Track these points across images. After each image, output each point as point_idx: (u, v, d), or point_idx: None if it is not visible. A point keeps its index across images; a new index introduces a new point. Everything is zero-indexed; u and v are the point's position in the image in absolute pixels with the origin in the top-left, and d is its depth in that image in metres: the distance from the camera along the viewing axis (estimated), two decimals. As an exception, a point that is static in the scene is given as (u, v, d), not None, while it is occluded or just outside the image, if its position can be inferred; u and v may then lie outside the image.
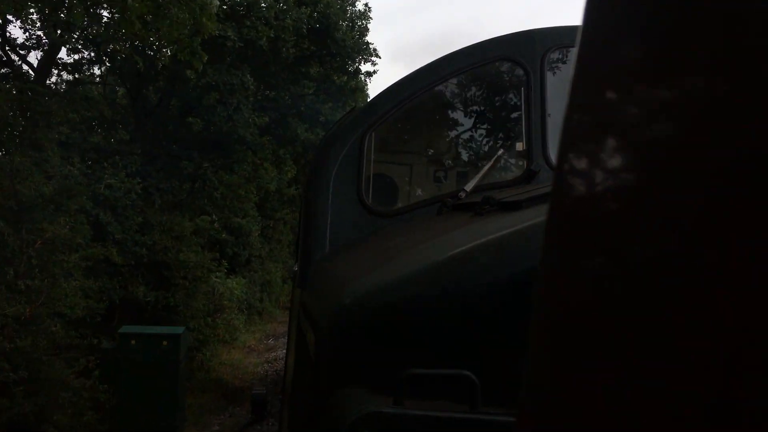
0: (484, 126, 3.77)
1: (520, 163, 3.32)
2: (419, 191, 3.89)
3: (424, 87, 3.37)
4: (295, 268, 4.37)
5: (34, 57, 15.17)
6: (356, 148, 3.22)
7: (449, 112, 3.74)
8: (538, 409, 0.68)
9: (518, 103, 3.35)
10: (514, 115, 3.45)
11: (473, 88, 3.63)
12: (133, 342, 10.11)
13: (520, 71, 3.29)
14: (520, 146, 3.28)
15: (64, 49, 13.02)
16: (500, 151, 3.39)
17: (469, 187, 3.03)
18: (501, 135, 3.67)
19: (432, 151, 4.10)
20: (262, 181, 17.00)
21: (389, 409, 1.45)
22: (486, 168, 3.20)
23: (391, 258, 2.23)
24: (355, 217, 3.16)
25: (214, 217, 13.38)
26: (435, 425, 1.43)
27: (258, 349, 20.38)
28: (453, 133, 3.87)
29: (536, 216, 1.85)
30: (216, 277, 19.15)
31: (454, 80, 3.48)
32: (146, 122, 12.08)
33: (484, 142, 3.77)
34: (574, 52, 0.69)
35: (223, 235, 17.92)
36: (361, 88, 15.83)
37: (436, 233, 2.50)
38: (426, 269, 1.82)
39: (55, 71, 13.54)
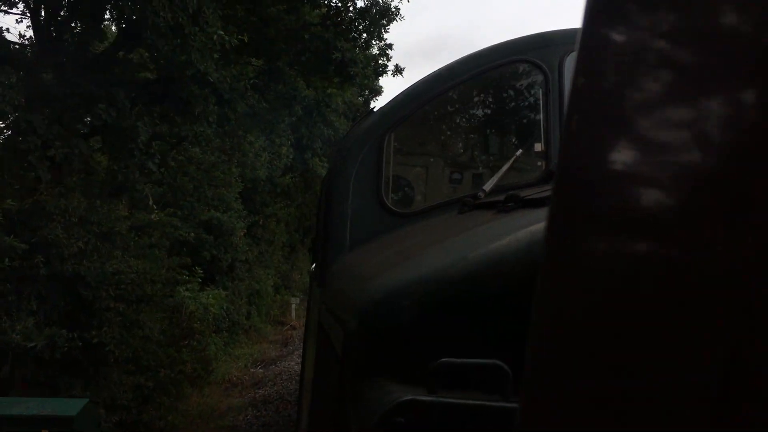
0: (502, 127, 3.85)
1: (539, 163, 3.28)
2: (437, 192, 3.86)
3: (442, 88, 3.39)
4: (312, 268, 4.68)
5: None
6: (375, 149, 3.24)
7: (467, 113, 3.78)
8: (540, 406, 0.68)
9: (536, 105, 3.35)
10: (532, 116, 3.49)
11: (491, 90, 3.64)
12: (-20, 433, 5.18)
13: (538, 73, 3.28)
14: (538, 147, 3.27)
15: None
16: (518, 152, 3.27)
17: (488, 187, 3.00)
18: (519, 136, 3.71)
19: (450, 152, 4.07)
20: (246, 159, 12.25)
21: (424, 397, 1.46)
22: (504, 168, 3.12)
23: (418, 254, 2.26)
24: (374, 217, 3.19)
25: (148, 203, 8.47)
26: (469, 413, 1.46)
27: (242, 382, 15.54)
28: (471, 135, 3.94)
29: None
30: (186, 290, 14.39)
31: (473, 82, 3.46)
32: (54, 49, 7.39)
33: (502, 143, 3.84)
34: (575, 53, 0.68)
35: (192, 235, 13.11)
36: (393, 16, 10.77)
37: (462, 229, 2.49)
38: (456, 263, 1.81)
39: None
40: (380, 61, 10.96)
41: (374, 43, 10.64)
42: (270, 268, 25.13)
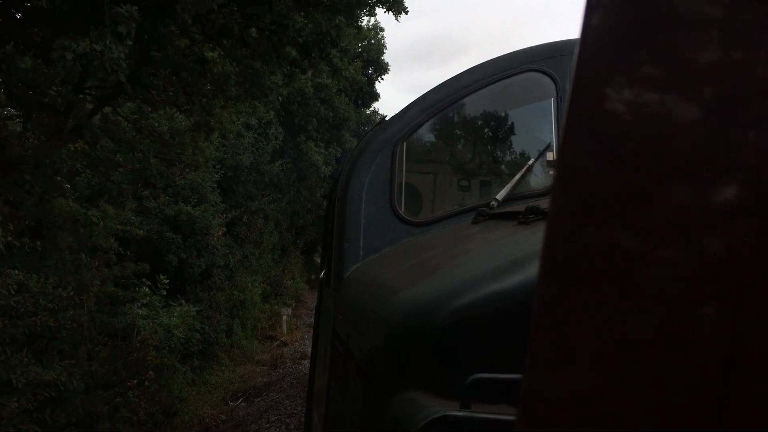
0: (514, 136, 3.82)
1: (551, 172, 3.31)
2: (448, 201, 3.82)
3: (454, 98, 3.40)
4: (321, 276, 4.67)
5: None
6: (388, 158, 3.28)
7: (478, 122, 3.79)
8: (537, 408, 0.69)
9: (548, 114, 3.38)
10: (544, 125, 3.48)
11: (503, 99, 3.60)
12: None
13: (549, 82, 3.28)
14: (550, 156, 3.29)
15: None
16: (531, 162, 3.26)
17: (500, 196, 3.03)
18: (531, 145, 3.64)
19: (461, 161, 4.04)
20: (223, 130, 8.80)
21: (459, 412, 1.46)
22: (517, 177, 3.14)
23: (444, 266, 2.25)
24: (387, 225, 3.20)
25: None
26: (503, 428, 1.45)
27: (217, 424, 11.99)
28: (482, 144, 3.96)
29: None
30: (142, 306, 10.85)
31: (484, 90, 3.45)
32: None
33: (513, 152, 3.83)
34: (574, 56, 0.70)
35: (141, 231, 9.59)
36: None
37: (486, 242, 2.50)
38: (489, 277, 1.80)
39: None
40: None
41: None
42: (257, 274, 21.64)
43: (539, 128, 3.59)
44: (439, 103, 3.35)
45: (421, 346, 1.74)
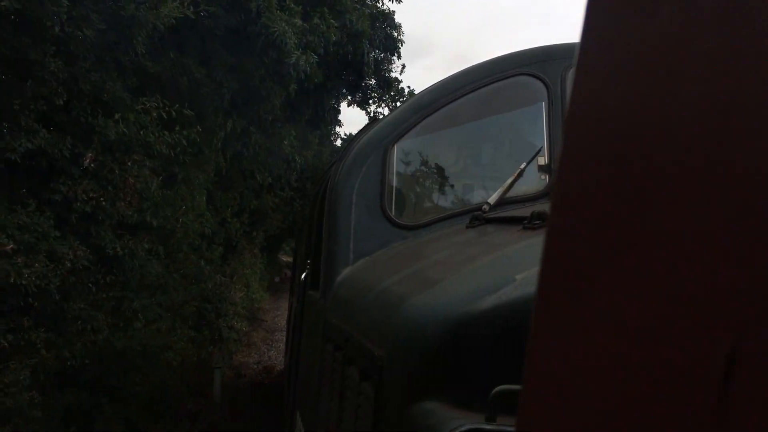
0: (506, 140, 3.93)
1: (542, 177, 3.34)
2: (440, 205, 3.83)
3: (445, 100, 3.44)
4: (302, 277, 4.77)
5: None
6: (379, 161, 3.32)
7: (469, 125, 3.84)
8: (537, 411, 0.69)
9: (539, 118, 3.43)
10: (536, 129, 3.54)
11: (494, 102, 3.67)
12: None
13: (541, 86, 3.37)
14: (542, 160, 3.33)
15: None
16: (523, 166, 3.26)
17: (492, 200, 3.07)
18: (522, 149, 3.70)
19: (452, 164, 4.06)
20: None
21: (486, 425, 1.41)
22: (509, 182, 3.16)
23: (453, 272, 2.23)
24: (378, 229, 3.23)
25: None
26: None
27: None
28: (474, 147, 4.04)
29: None
30: None
31: (476, 93, 3.51)
32: None
33: (505, 156, 3.90)
34: (574, 58, 0.69)
35: None
36: None
37: (494, 247, 2.44)
38: (510, 284, 1.77)
39: None
40: None
41: None
42: (174, 293, 11.46)
43: (531, 132, 3.60)
44: (431, 106, 3.36)
45: (442, 354, 1.70)
